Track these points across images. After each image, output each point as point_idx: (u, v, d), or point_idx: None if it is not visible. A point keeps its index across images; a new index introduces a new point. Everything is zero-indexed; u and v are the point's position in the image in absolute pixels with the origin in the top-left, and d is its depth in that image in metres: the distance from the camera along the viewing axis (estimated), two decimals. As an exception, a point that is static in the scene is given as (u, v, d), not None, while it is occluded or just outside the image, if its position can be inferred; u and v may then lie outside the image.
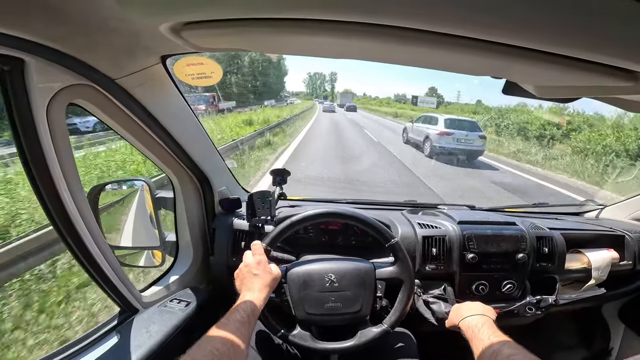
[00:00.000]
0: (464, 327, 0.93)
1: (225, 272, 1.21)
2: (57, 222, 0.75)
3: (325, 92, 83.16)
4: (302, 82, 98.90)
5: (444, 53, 0.49)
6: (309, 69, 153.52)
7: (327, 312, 1.00)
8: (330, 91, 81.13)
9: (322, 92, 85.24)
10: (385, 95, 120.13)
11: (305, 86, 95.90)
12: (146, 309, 1.06)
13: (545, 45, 0.42)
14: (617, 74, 0.47)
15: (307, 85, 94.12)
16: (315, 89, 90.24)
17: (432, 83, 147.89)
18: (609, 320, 1.79)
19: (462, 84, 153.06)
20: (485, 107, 20.91)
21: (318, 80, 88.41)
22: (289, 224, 1.02)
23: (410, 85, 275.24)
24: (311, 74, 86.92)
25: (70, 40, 0.58)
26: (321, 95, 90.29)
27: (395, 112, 36.86)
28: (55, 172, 0.70)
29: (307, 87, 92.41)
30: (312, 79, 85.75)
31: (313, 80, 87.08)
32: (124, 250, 1.24)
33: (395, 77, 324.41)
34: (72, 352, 0.85)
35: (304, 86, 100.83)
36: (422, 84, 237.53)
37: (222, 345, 0.67)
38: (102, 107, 0.77)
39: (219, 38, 0.59)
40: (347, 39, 0.49)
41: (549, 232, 1.35)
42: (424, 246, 1.25)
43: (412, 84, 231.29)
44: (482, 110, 21.06)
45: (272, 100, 38.55)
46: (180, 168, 1.10)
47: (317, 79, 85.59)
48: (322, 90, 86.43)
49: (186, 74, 0.86)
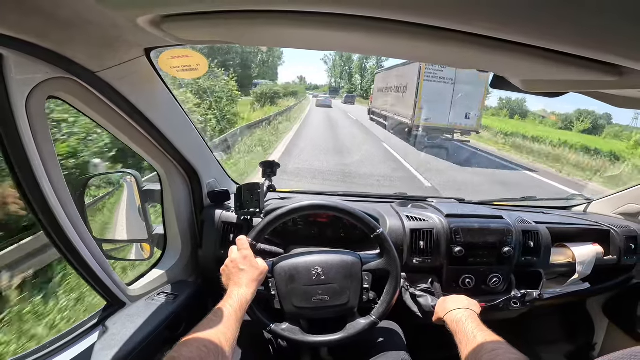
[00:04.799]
0: (449, 321, 0.95)
1: (214, 265, 1.21)
2: (39, 215, 0.74)
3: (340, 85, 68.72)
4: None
5: (430, 45, 0.49)
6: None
7: (315, 305, 1.01)
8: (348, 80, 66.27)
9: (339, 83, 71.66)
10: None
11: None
12: (133, 302, 1.06)
13: (530, 39, 0.42)
14: (602, 69, 0.47)
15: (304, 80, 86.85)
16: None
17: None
18: (593, 315, 1.82)
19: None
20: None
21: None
22: (274, 217, 1.02)
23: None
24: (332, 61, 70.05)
25: (47, 34, 0.57)
26: (307, 85, 78.89)
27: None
28: (35, 164, 0.69)
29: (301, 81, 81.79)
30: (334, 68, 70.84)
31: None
32: (112, 243, 1.24)
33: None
34: (57, 346, 0.85)
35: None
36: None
37: (210, 341, 0.67)
38: (84, 100, 0.76)
39: (201, 30, 0.58)
40: (329, 30, 0.49)
41: (534, 225, 1.36)
42: (412, 239, 1.26)
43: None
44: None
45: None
46: (167, 160, 1.09)
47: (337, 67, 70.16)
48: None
49: (171, 66, 0.84)
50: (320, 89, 71.80)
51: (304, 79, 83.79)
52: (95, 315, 0.98)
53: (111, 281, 0.95)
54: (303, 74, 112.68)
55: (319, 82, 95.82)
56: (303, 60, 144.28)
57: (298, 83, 70.72)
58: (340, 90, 62.97)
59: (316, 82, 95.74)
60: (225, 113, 10.54)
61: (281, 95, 24.81)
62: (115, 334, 0.92)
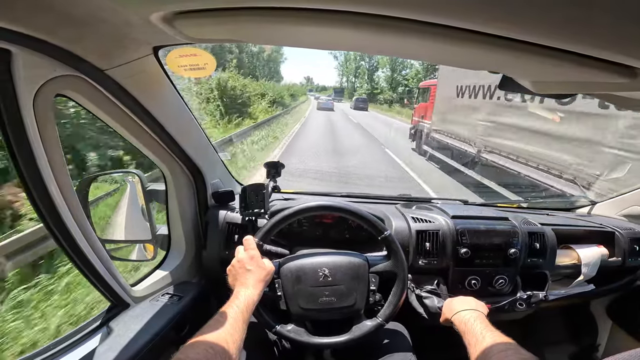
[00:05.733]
0: (457, 322, 0.94)
1: (218, 266, 1.20)
2: (45, 214, 0.73)
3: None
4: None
5: (439, 45, 0.48)
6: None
7: (321, 306, 1.00)
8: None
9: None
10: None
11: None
12: (137, 303, 1.05)
13: (542, 39, 0.42)
14: (615, 70, 0.47)
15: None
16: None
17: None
18: (597, 316, 1.82)
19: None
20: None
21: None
22: (280, 217, 1.02)
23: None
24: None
25: (58, 31, 0.56)
26: (310, 87, 72.86)
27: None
28: (42, 164, 0.68)
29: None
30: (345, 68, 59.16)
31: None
32: (115, 243, 1.23)
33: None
34: (61, 348, 0.84)
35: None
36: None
37: (217, 343, 0.67)
38: (91, 99, 0.75)
39: (212, 28, 0.57)
40: (341, 29, 0.48)
41: (540, 227, 1.36)
42: (418, 240, 1.25)
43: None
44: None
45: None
46: (173, 160, 1.09)
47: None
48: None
49: (179, 65, 0.84)
50: (329, 90, 64.52)
51: (310, 80, 79.10)
52: (99, 317, 0.97)
53: (115, 282, 0.95)
54: (310, 75, 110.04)
55: (327, 82, 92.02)
56: (309, 59, 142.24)
57: (305, 84, 67.00)
58: (355, 93, 48.51)
59: (324, 82, 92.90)
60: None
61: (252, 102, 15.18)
62: (120, 335, 0.91)
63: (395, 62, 40.10)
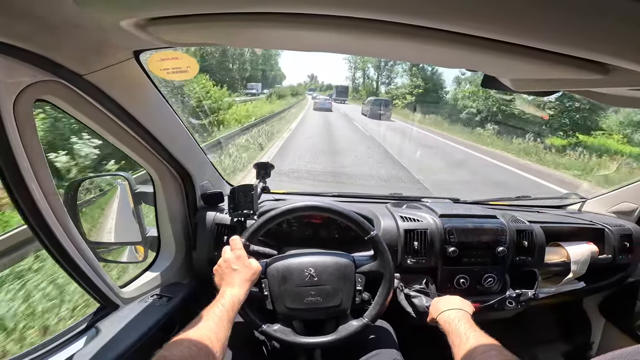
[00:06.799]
0: (442, 321, 0.95)
1: (208, 267, 1.20)
2: (28, 217, 0.74)
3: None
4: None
5: (418, 45, 0.50)
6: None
7: (307, 306, 1.01)
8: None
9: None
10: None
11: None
12: (126, 304, 1.05)
13: (518, 39, 0.43)
14: (589, 67, 0.48)
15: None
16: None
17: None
18: (590, 314, 1.82)
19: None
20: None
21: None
22: (267, 218, 1.03)
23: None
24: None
25: (34, 38, 0.57)
26: (313, 85, 67.96)
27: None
28: (23, 167, 0.69)
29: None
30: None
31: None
32: (105, 246, 1.24)
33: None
34: (49, 349, 0.85)
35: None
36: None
37: (200, 340, 0.67)
38: (72, 103, 0.76)
39: (188, 33, 0.58)
40: (318, 31, 0.49)
41: (528, 225, 1.36)
42: (406, 240, 1.25)
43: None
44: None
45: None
46: (160, 163, 1.09)
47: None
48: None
49: (161, 68, 0.84)
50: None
51: (315, 78, 75.74)
52: (87, 318, 0.98)
53: (103, 283, 0.95)
54: (315, 73, 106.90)
55: (334, 81, 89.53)
56: (314, 58, 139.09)
57: (309, 83, 65.09)
58: (377, 95, 34.70)
59: (330, 81, 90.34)
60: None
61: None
62: (108, 336, 0.92)
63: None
